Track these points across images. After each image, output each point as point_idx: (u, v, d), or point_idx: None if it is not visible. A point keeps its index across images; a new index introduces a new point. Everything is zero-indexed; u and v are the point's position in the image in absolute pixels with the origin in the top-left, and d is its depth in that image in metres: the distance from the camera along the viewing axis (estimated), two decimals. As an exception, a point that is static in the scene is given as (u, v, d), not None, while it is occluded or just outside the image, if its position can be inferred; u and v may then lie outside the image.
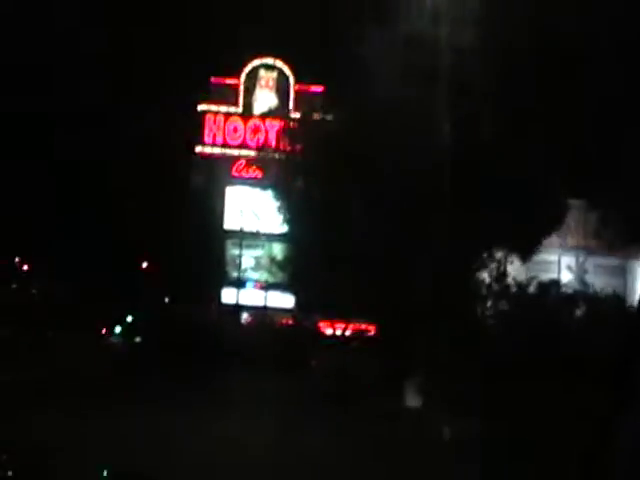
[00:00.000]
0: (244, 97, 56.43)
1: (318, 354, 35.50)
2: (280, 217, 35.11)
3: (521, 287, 28.39)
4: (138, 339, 41.83)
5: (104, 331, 40.23)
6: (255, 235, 52.55)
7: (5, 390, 21.56)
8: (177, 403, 22.64)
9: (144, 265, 54.13)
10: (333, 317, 42.03)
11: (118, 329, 41.50)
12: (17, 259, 47.10)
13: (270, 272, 49.61)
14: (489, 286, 28.55)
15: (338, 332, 38.96)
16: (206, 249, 52.51)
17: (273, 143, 52.80)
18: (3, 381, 23.07)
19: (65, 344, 36.11)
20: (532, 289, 28.47)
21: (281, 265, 40.05)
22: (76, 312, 41.00)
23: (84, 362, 31.74)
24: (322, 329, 43.48)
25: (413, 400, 25.64)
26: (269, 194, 36.21)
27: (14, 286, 45.49)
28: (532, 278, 28.98)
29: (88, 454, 13.52)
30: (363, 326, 36.42)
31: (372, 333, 35.32)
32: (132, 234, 49.31)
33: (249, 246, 54.18)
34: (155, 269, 53.26)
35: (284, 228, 40.13)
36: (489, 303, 28.37)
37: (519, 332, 24.70)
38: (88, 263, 44.05)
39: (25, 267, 46.93)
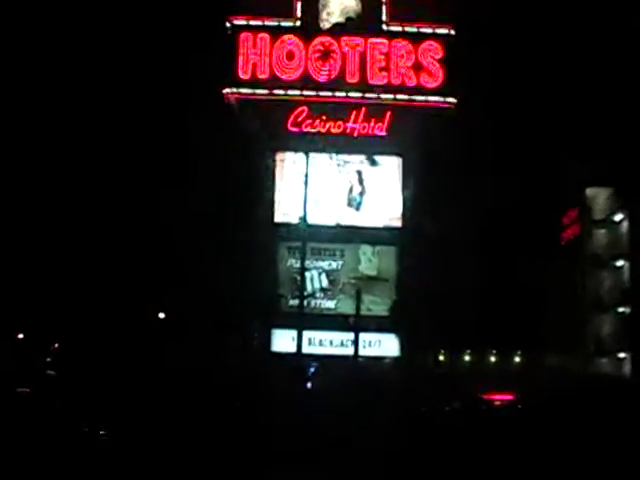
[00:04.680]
0: (303, 3, 34.50)
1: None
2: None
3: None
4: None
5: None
6: (329, 232, 33.59)
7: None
8: None
9: (161, 316, 38.62)
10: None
11: None
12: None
13: (358, 298, 32.17)
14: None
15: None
16: (244, 259, 31.90)
17: (355, 75, 32.66)
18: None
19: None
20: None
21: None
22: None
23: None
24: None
25: None
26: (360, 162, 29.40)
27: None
28: None
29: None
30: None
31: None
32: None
33: (317, 253, 33.37)
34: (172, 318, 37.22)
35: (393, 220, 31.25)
36: None
37: None
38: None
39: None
